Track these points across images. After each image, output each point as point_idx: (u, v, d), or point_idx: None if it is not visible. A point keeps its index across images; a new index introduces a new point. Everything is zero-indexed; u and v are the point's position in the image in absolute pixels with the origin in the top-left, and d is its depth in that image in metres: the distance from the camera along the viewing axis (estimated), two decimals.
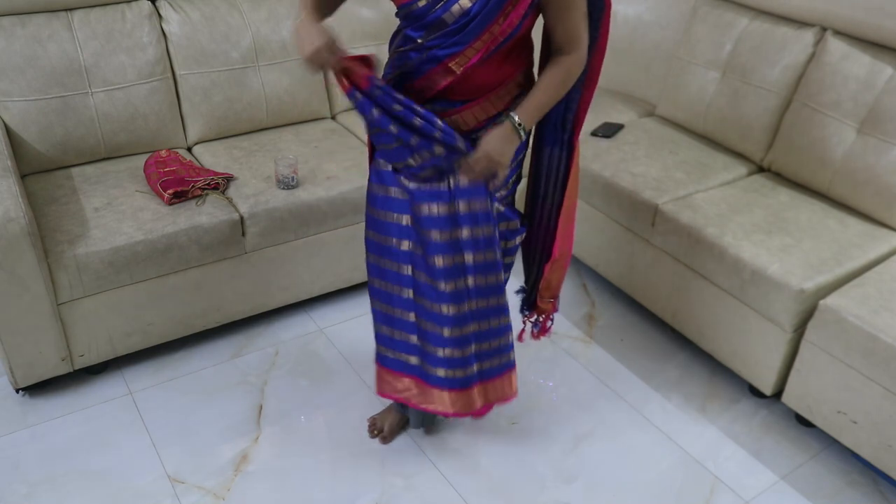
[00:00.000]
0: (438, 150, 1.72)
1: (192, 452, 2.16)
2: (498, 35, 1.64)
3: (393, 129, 1.69)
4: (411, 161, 1.75)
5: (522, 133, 1.72)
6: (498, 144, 1.70)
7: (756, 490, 2.13)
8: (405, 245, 1.87)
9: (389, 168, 1.83)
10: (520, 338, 2.15)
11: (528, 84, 1.79)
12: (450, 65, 1.67)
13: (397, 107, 1.67)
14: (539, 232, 2.01)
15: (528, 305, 2.15)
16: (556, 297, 2.11)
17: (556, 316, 2.73)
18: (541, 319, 2.15)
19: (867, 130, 2.42)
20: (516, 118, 1.70)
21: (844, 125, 2.47)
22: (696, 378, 2.51)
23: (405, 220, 1.85)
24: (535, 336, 2.17)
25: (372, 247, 1.94)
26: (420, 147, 1.71)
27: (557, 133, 1.89)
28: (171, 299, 2.36)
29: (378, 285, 1.96)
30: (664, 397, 2.43)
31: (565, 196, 1.93)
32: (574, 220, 2.02)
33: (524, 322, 2.17)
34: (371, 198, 1.89)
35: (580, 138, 1.90)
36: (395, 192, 1.84)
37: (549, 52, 1.76)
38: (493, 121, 1.75)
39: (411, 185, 1.81)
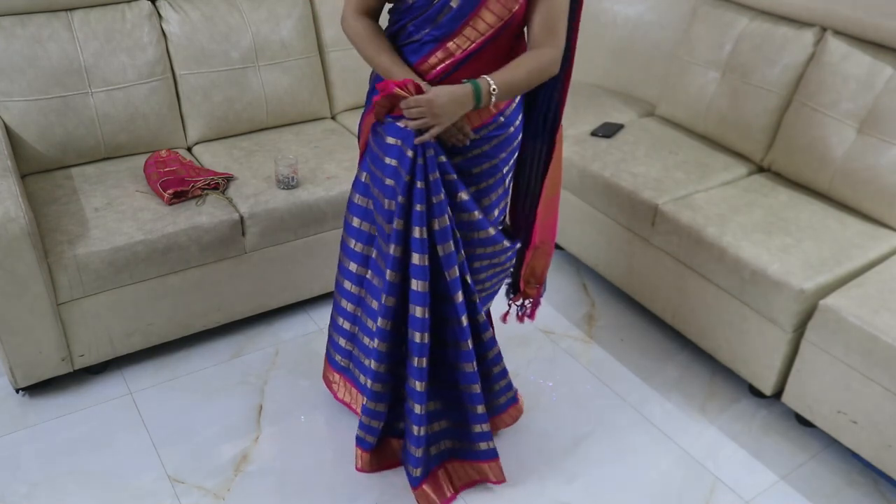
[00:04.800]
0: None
1: (192, 452, 2.16)
2: (492, 9, 1.64)
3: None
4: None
5: (484, 99, 1.64)
6: (445, 99, 1.61)
7: (756, 490, 2.13)
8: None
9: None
10: (503, 319, 2.18)
11: None
12: (448, 45, 1.69)
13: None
14: (520, 221, 2.04)
15: (513, 289, 2.16)
16: (541, 283, 2.13)
17: (556, 316, 2.75)
18: (527, 304, 2.16)
19: (867, 130, 2.42)
20: (491, 82, 1.64)
21: (844, 125, 2.46)
22: (696, 378, 2.51)
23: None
24: (520, 318, 2.18)
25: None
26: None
27: (539, 127, 1.90)
28: (171, 299, 2.36)
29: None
30: (664, 397, 2.43)
31: (544, 186, 1.95)
32: (557, 208, 2.04)
33: (509, 305, 2.19)
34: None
35: (561, 133, 1.93)
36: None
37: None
38: (492, 123, 1.78)
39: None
